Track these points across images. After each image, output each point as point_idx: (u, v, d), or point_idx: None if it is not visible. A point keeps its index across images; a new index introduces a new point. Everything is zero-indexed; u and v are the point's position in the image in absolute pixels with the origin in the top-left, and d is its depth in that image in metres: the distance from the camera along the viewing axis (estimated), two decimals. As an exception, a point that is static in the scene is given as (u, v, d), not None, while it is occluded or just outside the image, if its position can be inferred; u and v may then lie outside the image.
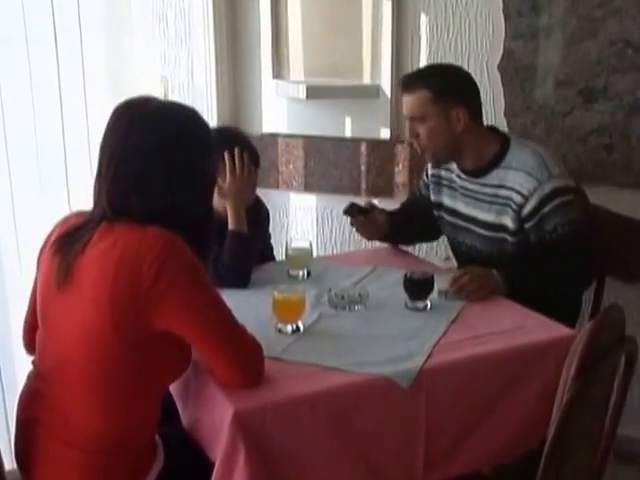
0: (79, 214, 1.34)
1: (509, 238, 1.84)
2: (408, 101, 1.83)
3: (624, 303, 1.36)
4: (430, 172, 2.06)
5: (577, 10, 2.11)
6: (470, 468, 1.47)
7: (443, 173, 2.02)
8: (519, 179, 1.79)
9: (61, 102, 2.42)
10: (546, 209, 1.76)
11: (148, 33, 2.63)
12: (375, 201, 2.12)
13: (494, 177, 1.85)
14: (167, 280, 1.18)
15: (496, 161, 1.85)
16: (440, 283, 1.69)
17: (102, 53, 2.57)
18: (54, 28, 2.34)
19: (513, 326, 1.56)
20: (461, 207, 1.96)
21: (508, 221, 1.82)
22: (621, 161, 2.15)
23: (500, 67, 2.26)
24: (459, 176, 1.96)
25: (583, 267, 1.81)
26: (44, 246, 1.35)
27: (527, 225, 1.80)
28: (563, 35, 2.15)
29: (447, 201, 2.01)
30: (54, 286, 1.26)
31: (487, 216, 1.88)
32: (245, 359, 1.28)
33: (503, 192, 1.83)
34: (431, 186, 2.06)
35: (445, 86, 1.80)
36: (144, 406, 1.30)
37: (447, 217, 2.02)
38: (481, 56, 2.28)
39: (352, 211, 1.97)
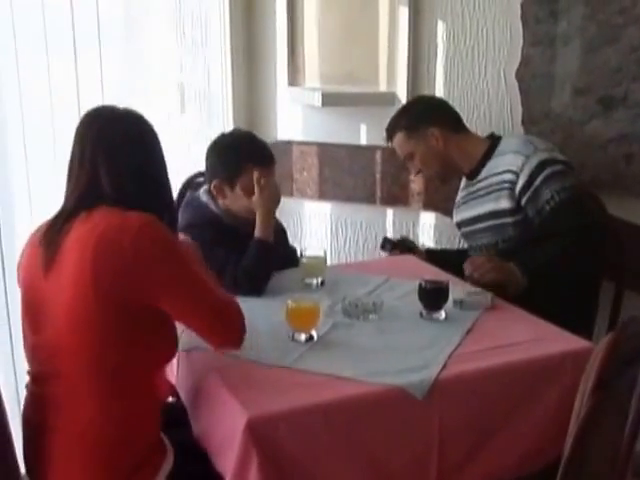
0: (47, 223, 1.40)
1: (508, 219, 1.91)
2: (395, 148, 2.08)
3: (644, 315, 1.33)
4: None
5: (596, 16, 2.09)
6: (485, 481, 1.45)
7: (457, 197, 2.14)
8: (508, 160, 1.91)
9: (79, 109, 2.44)
10: (538, 180, 1.84)
11: (165, 40, 2.65)
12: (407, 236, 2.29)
13: (487, 169, 1.98)
14: (148, 256, 1.25)
15: (488, 155, 1.98)
16: (455, 293, 1.67)
17: (120, 59, 2.59)
18: (73, 34, 2.37)
19: (529, 337, 1.54)
20: (469, 213, 2.06)
21: (505, 202, 1.90)
22: (641, 171, 2.12)
23: (518, 74, 2.24)
24: (464, 187, 2.09)
25: (592, 232, 1.79)
26: (20, 260, 1.40)
27: (523, 201, 1.87)
28: (582, 42, 2.13)
29: (462, 216, 2.11)
30: (39, 279, 1.31)
31: (487, 207, 1.97)
32: (226, 321, 1.37)
33: (496, 178, 1.94)
34: (454, 213, 2.16)
35: (410, 121, 2.02)
36: (135, 393, 1.32)
37: (464, 229, 2.12)
38: (499, 63, 2.27)
39: (388, 246, 2.13)
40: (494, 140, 2.01)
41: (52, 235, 1.31)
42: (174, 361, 1.59)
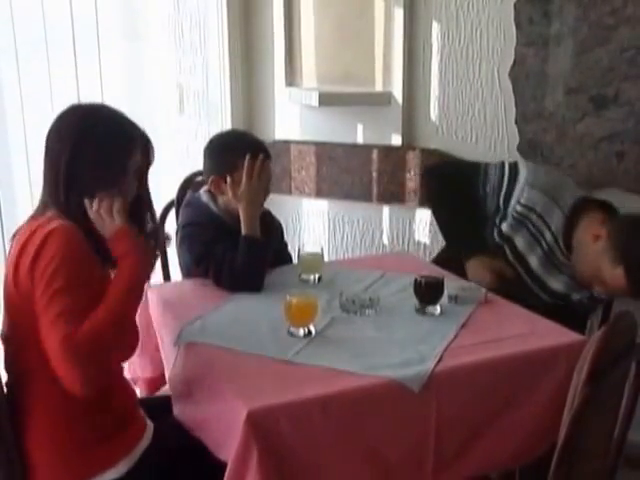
0: None
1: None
2: None
3: (635, 310, 1.36)
4: (522, 201, 1.91)
5: (589, 17, 2.12)
6: (479, 472, 1.48)
7: (534, 218, 1.91)
8: None
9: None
10: None
11: (163, 41, 2.67)
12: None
13: None
14: (39, 260, 1.34)
15: None
16: (450, 288, 1.70)
17: (119, 60, 2.61)
18: (73, 36, 2.39)
19: (523, 331, 1.56)
20: (534, 263, 1.94)
21: None
22: (632, 169, 2.15)
23: (511, 74, 2.27)
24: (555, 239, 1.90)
25: None
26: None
27: None
28: (574, 42, 2.16)
29: (522, 246, 1.94)
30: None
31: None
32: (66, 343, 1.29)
33: None
34: (512, 221, 1.93)
35: None
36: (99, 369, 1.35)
37: (513, 260, 1.97)
38: (492, 63, 2.30)
39: None
40: None
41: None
42: (166, 357, 1.62)
